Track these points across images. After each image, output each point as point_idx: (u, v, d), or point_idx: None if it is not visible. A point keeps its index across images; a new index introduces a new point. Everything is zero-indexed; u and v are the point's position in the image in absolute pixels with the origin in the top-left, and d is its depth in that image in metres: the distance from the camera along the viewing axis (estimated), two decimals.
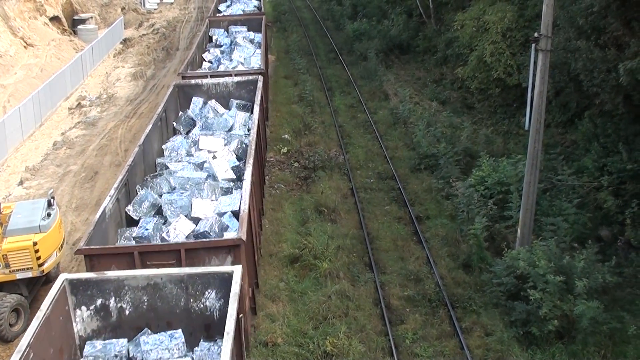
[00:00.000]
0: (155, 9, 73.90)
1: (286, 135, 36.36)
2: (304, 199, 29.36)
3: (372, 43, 52.63)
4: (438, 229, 26.77)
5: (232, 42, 39.62)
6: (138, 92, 46.48)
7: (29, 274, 21.35)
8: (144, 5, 73.91)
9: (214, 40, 40.78)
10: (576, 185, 25.65)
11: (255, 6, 51.52)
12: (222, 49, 38.76)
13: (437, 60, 47.01)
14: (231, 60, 35.78)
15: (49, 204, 22.85)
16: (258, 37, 40.25)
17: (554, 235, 22.57)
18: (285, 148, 34.51)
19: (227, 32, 41.65)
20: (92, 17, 63.59)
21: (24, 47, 50.67)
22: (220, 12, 49.22)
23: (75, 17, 62.11)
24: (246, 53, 36.70)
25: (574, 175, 25.98)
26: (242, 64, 34.79)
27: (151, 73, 51.32)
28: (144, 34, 63.58)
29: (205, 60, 36.79)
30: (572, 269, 19.86)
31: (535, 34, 20.86)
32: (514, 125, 35.03)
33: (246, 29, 41.36)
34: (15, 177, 32.60)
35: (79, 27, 60.67)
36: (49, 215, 22.31)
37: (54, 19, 58.45)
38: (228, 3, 52.22)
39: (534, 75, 21.28)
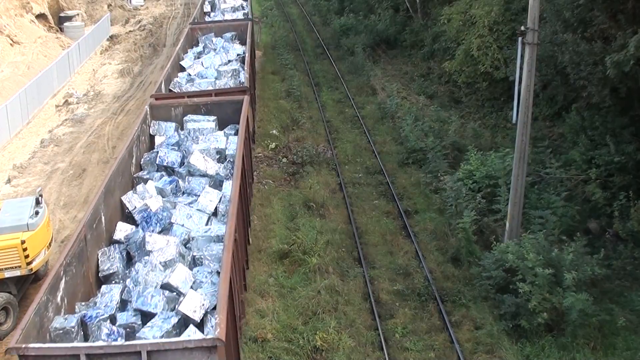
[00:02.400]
0: (141, 6, 73.68)
1: (274, 131, 36.30)
2: (292, 195, 29.34)
3: (359, 38, 52.66)
4: (427, 223, 26.81)
5: (183, 158, 22.90)
6: (125, 88, 46.33)
7: (18, 273, 21.25)
8: (130, 2, 73.60)
9: (156, 146, 24.24)
10: (564, 178, 25.72)
11: (238, 55, 35.50)
12: (161, 184, 21.24)
13: (424, 55, 47.03)
14: (171, 227, 19.16)
15: (37, 202, 22.75)
16: (232, 145, 23.50)
17: (543, 228, 22.64)
18: (273, 144, 34.46)
19: (182, 128, 25.45)
20: (78, 14, 63.30)
21: (10, 44, 50.39)
22: (183, 69, 33.06)
23: (62, 14, 61.80)
24: (203, 205, 20.08)
25: (562, 168, 26.05)
26: (190, 244, 18.56)
27: (138, 70, 51.16)
28: (130, 31, 63.43)
29: (126, 209, 20.10)
30: (560, 261, 19.91)
31: (522, 27, 20.89)
32: (501, 118, 35.09)
33: (213, 124, 25.15)
34: (2, 176, 32.43)
35: (66, 24, 60.37)
36: (37, 213, 22.21)
37: (40, 16, 58.15)
38: (199, 49, 36.71)
39: (521, 68, 21.30)
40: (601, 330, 19.55)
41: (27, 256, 21.14)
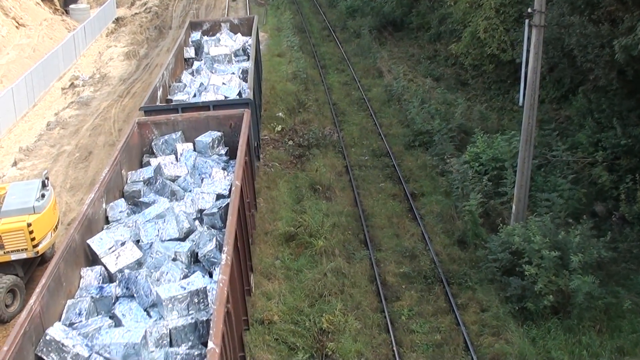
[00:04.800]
0: None
1: (280, 114, 36.24)
2: (298, 177, 29.34)
3: (366, 20, 52.57)
4: (433, 206, 26.80)
5: None
6: (131, 71, 46.30)
7: (24, 255, 21.31)
8: None
9: None
10: (570, 161, 25.67)
11: (221, 202, 18.83)
12: None
13: (430, 37, 46.87)
14: None
15: (43, 185, 22.78)
16: None
17: (549, 210, 22.63)
18: (280, 126, 34.41)
19: None
20: None
21: (16, 27, 50.38)
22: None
23: None
24: None
25: (569, 151, 26.00)
26: None
27: (144, 52, 51.10)
28: (136, 13, 63.34)
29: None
30: (567, 244, 19.91)
31: (529, 10, 20.78)
32: (508, 101, 34.98)
33: None
34: (9, 158, 32.50)
35: (71, 6, 60.31)
36: (43, 196, 22.25)
37: None
38: (149, 172, 20.72)
39: (528, 51, 21.24)
40: (607, 313, 19.56)
41: (33, 239, 21.20)
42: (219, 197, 19.21)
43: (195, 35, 35.88)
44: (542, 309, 19.51)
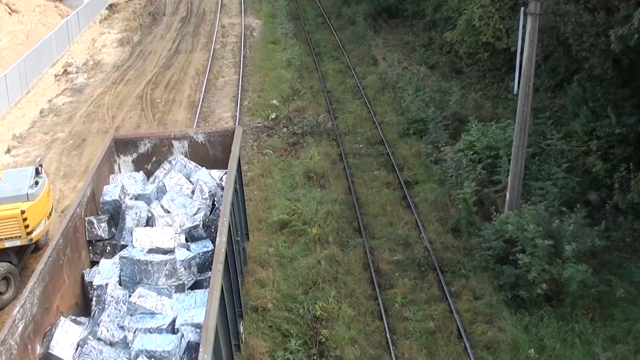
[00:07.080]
0: None
1: (274, 101, 36.20)
2: (292, 165, 29.31)
3: (361, 7, 52.50)
4: (427, 194, 26.79)
5: None
6: (125, 58, 46.16)
7: (18, 243, 21.27)
8: None
9: None
10: (565, 150, 25.68)
11: None
12: None
13: (425, 25, 46.81)
14: None
15: (37, 172, 22.70)
16: None
17: (543, 199, 22.65)
18: (274, 114, 34.36)
19: None
20: None
21: (9, 13, 50.13)
22: None
23: None
24: None
25: (563, 140, 26.01)
26: None
27: (138, 39, 50.96)
28: (129, 0, 63.10)
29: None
30: (561, 232, 19.93)
31: None
32: (502, 89, 34.98)
33: None
34: (2, 146, 32.38)
35: None
36: (36, 183, 22.17)
37: None
38: None
39: (523, 39, 21.24)
40: (600, 301, 19.61)
41: (27, 226, 21.14)
42: None
43: (113, 186, 18.38)
44: (535, 297, 19.55)
